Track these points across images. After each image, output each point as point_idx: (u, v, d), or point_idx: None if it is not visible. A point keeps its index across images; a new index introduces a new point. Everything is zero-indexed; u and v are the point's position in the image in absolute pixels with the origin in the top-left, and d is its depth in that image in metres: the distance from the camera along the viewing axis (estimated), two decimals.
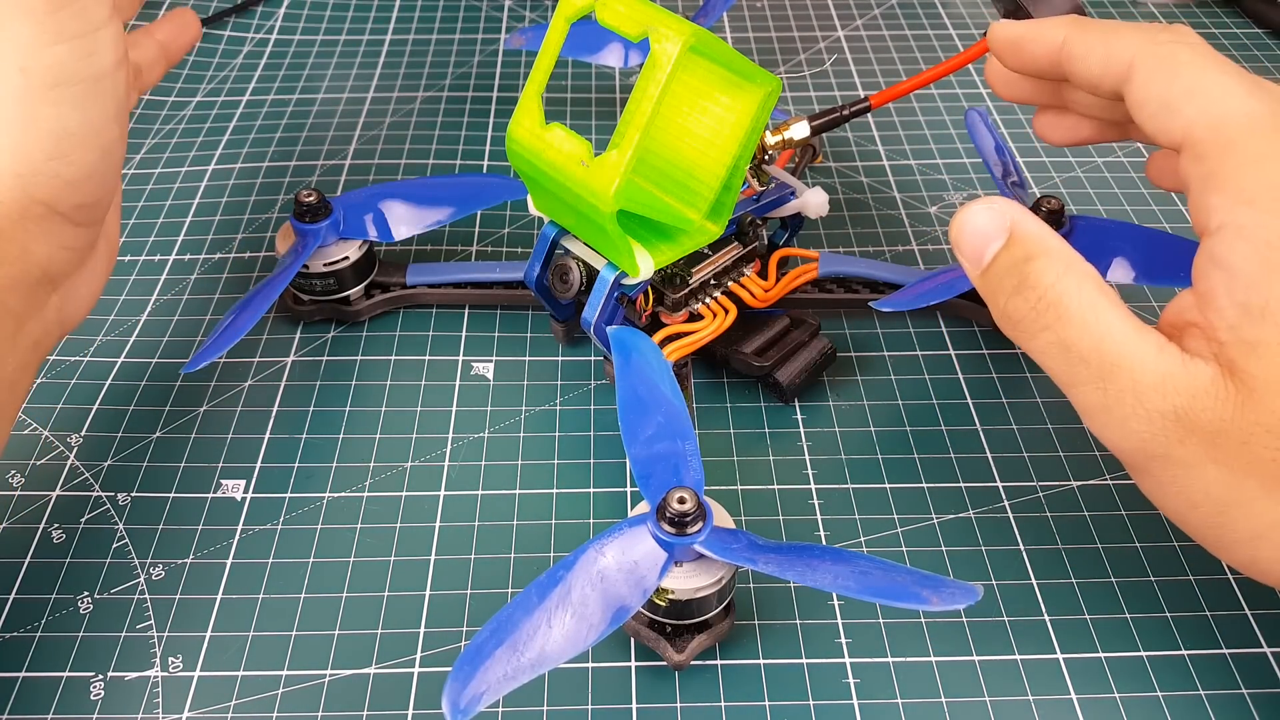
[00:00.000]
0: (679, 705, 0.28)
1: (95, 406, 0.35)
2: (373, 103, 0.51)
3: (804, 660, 0.29)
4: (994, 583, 0.30)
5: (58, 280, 0.29)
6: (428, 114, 0.50)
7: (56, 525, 0.32)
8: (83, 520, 0.32)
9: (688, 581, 0.26)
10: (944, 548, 0.31)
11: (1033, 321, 0.25)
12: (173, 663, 0.28)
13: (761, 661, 0.29)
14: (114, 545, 0.31)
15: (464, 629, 0.29)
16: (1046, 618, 0.30)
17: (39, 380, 0.36)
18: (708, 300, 0.35)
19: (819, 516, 0.32)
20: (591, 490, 0.33)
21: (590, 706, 0.28)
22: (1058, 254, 0.25)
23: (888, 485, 0.33)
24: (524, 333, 0.39)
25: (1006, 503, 0.33)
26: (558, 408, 0.36)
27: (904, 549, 0.31)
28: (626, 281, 0.32)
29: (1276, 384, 0.22)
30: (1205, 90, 0.25)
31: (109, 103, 0.29)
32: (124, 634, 0.29)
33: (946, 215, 0.44)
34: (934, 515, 0.32)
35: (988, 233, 0.25)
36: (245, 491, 0.33)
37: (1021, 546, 0.31)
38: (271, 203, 0.45)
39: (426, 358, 0.38)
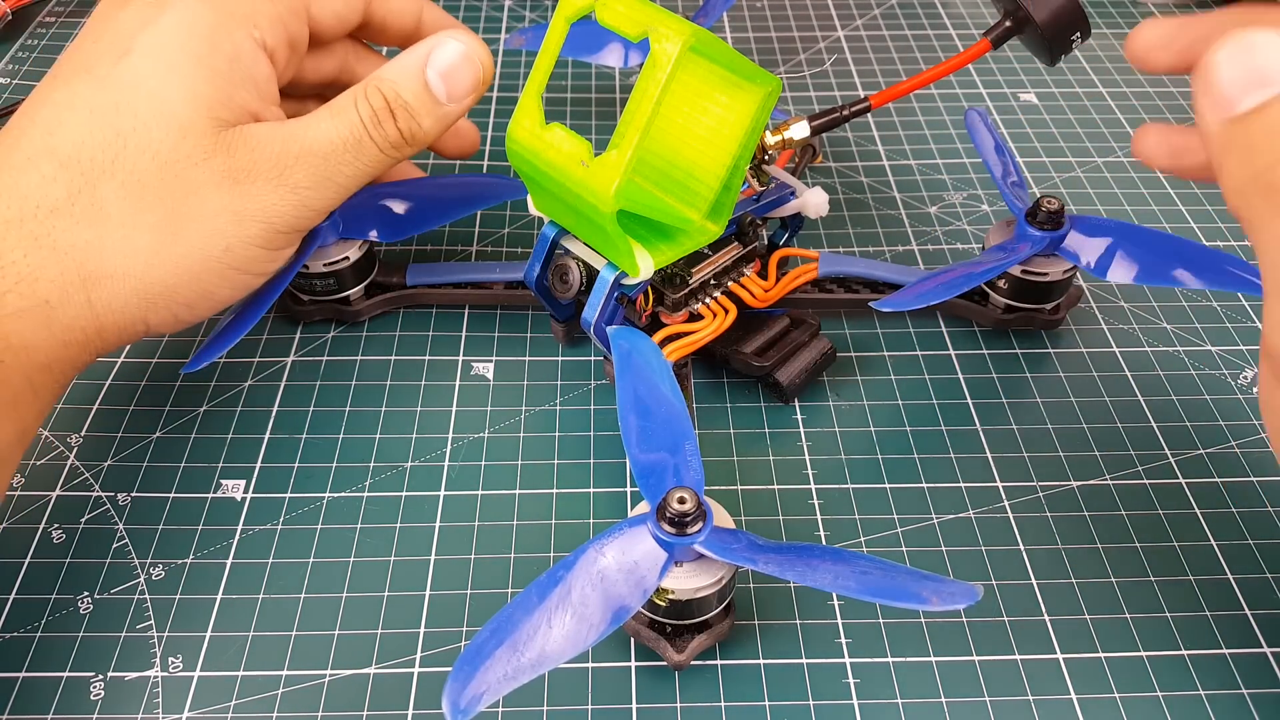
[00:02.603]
0: (679, 705, 0.28)
1: (95, 406, 0.35)
2: None
3: (804, 660, 0.29)
4: (994, 583, 0.30)
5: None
6: None
7: (56, 525, 0.32)
8: (83, 520, 0.32)
9: (688, 581, 0.26)
10: (944, 548, 0.31)
11: None
12: (173, 663, 0.28)
13: (761, 661, 0.29)
14: (114, 545, 0.31)
15: (464, 629, 0.29)
16: (1046, 618, 0.30)
17: None
18: (708, 300, 0.35)
19: (819, 516, 0.32)
20: (591, 490, 0.33)
21: (590, 706, 0.28)
22: None
23: (888, 485, 0.33)
24: (524, 333, 0.39)
25: (1006, 503, 0.33)
26: (558, 408, 0.36)
27: (904, 549, 0.31)
28: (626, 281, 0.32)
29: None
30: None
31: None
32: (124, 634, 0.29)
33: (947, 215, 0.44)
34: (934, 515, 0.32)
35: (1263, 73, 0.20)
36: (245, 491, 0.33)
37: (1021, 546, 0.31)
38: None
39: (426, 358, 0.38)
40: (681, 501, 0.25)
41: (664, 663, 0.28)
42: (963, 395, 0.36)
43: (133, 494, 0.33)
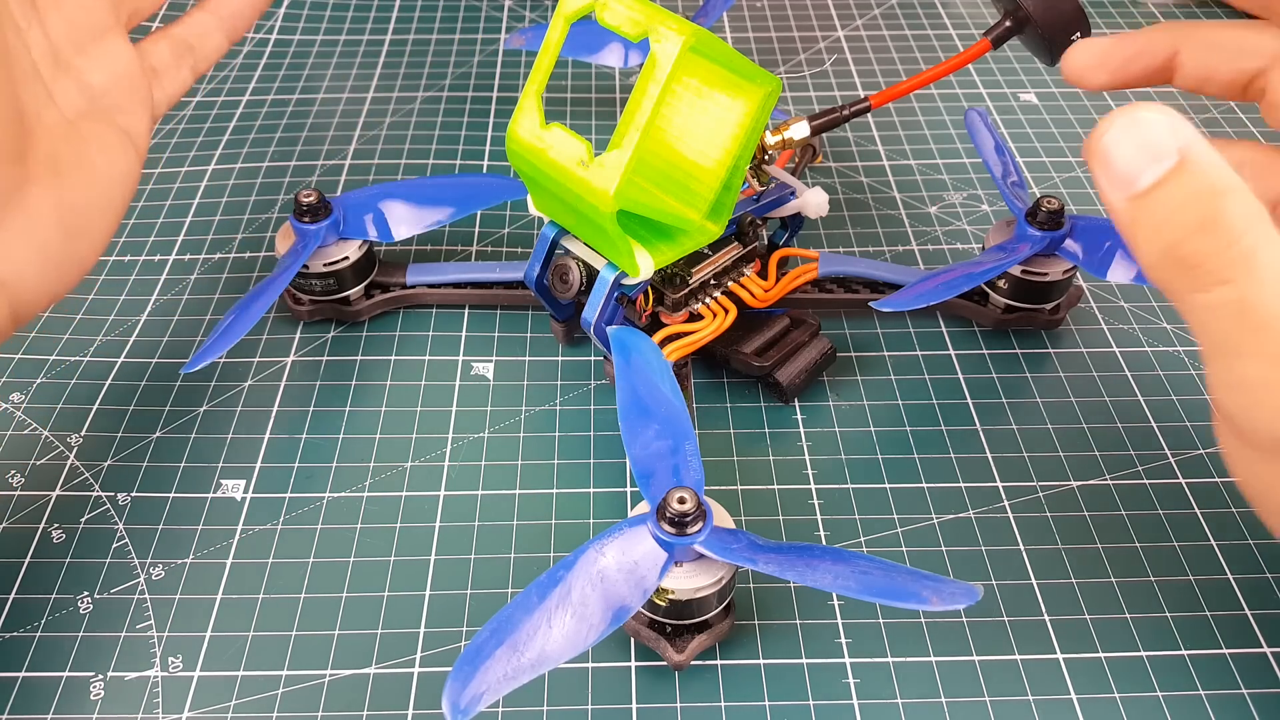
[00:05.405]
0: (679, 705, 0.28)
1: (95, 406, 0.35)
2: (373, 103, 0.51)
3: (804, 660, 0.29)
4: (994, 583, 0.30)
5: None
6: (428, 114, 0.50)
7: (56, 525, 0.32)
8: (83, 520, 0.32)
9: (688, 581, 0.26)
10: (944, 548, 0.31)
11: (1213, 272, 0.20)
12: (173, 663, 0.28)
13: (761, 661, 0.29)
14: (114, 545, 0.31)
15: (464, 629, 0.29)
16: (1046, 618, 0.30)
17: (39, 380, 0.36)
18: (708, 300, 0.35)
19: (819, 516, 0.32)
20: (591, 490, 0.33)
21: (590, 706, 0.28)
22: (1249, 195, 0.21)
23: (888, 485, 0.33)
24: (524, 333, 0.39)
25: (1006, 503, 0.33)
26: (558, 408, 0.36)
27: (904, 549, 0.31)
28: (626, 281, 0.32)
29: None
30: None
31: None
32: (124, 634, 0.29)
33: (947, 215, 0.44)
34: (934, 515, 0.32)
35: (1155, 148, 0.21)
36: (245, 491, 0.33)
37: (1021, 546, 0.31)
38: (271, 203, 0.45)
39: (426, 358, 0.38)
40: (681, 501, 0.25)
41: (664, 663, 0.28)
42: (963, 395, 0.36)
43: (133, 494, 0.33)
